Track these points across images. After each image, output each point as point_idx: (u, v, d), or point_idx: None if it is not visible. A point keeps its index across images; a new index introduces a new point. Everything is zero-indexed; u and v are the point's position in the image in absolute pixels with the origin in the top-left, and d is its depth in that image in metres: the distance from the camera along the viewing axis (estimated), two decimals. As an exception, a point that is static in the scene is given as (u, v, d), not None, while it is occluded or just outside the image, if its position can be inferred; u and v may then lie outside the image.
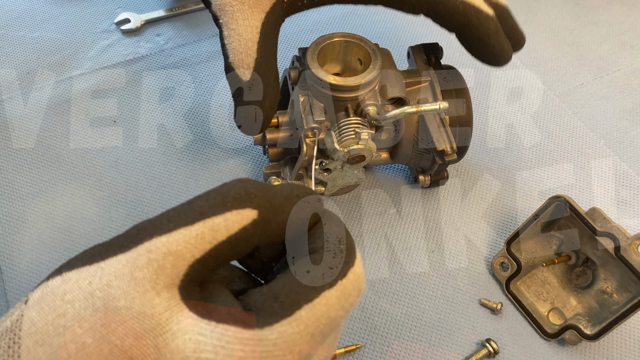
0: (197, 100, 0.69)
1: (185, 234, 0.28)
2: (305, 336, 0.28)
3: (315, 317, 0.28)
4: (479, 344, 0.52)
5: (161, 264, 0.28)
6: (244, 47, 0.46)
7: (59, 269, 0.29)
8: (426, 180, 0.60)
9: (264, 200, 0.30)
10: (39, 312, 0.27)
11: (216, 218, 0.29)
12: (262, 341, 0.27)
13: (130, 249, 0.28)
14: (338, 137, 0.50)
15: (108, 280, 0.27)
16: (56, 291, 0.27)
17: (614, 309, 0.51)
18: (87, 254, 0.29)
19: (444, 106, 0.48)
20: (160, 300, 0.27)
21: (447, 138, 0.52)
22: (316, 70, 0.50)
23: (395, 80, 0.53)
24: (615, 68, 0.77)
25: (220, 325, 0.27)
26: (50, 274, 0.29)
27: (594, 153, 0.67)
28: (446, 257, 0.57)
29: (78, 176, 0.61)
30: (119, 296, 0.27)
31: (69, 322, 0.26)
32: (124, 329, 0.27)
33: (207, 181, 0.62)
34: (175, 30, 0.77)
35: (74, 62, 0.72)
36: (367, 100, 0.51)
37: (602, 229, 0.49)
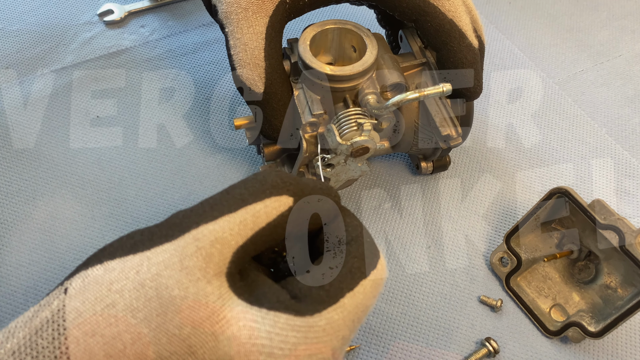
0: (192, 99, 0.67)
1: (230, 221, 0.29)
2: (347, 322, 0.29)
3: (355, 304, 0.30)
4: (478, 343, 0.50)
5: (209, 252, 0.28)
6: (250, 57, 0.47)
7: (97, 257, 0.28)
8: (428, 167, 0.58)
9: (298, 188, 0.32)
10: (84, 303, 0.27)
11: (257, 205, 0.30)
12: (312, 328, 0.28)
13: (176, 238, 0.28)
14: (339, 130, 0.47)
15: (158, 270, 0.27)
16: (100, 281, 0.27)
17: (619, 304, 0.49)
18: (126, 243, 0.29)
19: (448, 89, 0.45)
20: (212, 288, 0.28)
21: (451, 121, 0.50)
22: (310, 61, 0.48)
23: (392, 65, 0.50)
24: (616, 53, 0.75)
25: (272, 312, 0.28)
26: (87, 262, 0.29)
27: (595, 142, 0.65)
28: (444, 254, 0.55)
29: (59, 174, 0.59)
30: (172, 285, 0.27)
31: (120, 313, 0.26)
32: (180, 318, 0.27)
33: (194, 177, 0.60)
34: (161, 21, 0.74)
35: (54, 56, 0.69)
36: (366, 89, 0.49)
37: (605, 222, 0.47)
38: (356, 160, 0.51)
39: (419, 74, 0.53)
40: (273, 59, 0.48)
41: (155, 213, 0.57)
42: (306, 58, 0.48)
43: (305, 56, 0.48)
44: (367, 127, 0.47)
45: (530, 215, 0.51)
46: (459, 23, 0.49)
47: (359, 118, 0.47)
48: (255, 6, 0.47)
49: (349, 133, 0.47)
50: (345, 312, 0.29)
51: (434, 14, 0.49)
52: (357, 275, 0.31)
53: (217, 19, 0.49)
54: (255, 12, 0.47)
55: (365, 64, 0.48)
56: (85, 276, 0.28)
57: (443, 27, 0.49)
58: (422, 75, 0.52)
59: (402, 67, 0.51)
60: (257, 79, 0.48)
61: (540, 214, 0.51)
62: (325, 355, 0.28)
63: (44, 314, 0.27)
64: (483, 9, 0.80)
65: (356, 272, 0.31)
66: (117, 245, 0.29)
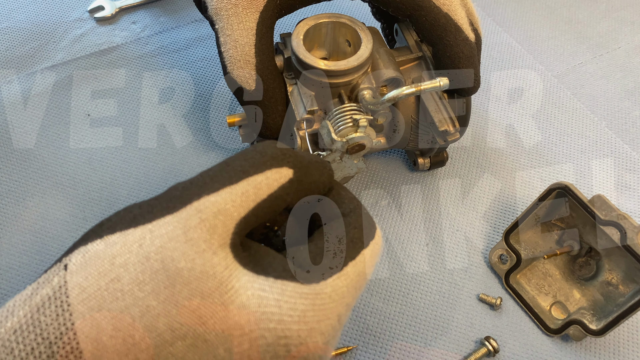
0: (187, 97, 0.66)
1: (232, 192, 0.29)
2: (351, 289, 0.30)
3: (357, 272, 0.31)
4: (477, 342, 0.49)
5: (213, 223, 0.28)
6: (241, 53, 0.46)
7: (96, 232, 0.28)
8: (426, 163, 0.57)
9: (297, 160, 0.32)
10: (87, 278, 0.26)
11: (258, 176, 0.30)
12: (319, 294, 0.29)
13: (178, 210, 0.28)
14: (334, 126, 0.46)
15: (162, 242, 0.27)
16: (102, 255, 0.27)
17: (620, 301, 0.48)
18: (125, 217, 0.28)
19: (445, 83, 0.44)
20: (218, 259, 0.27)
21: (449, 116, 0.49)
22: (304, 56, 0.47)
23: (388, 60, 0.49)
24: (615, 45, 0.74)
25: (279, 280, 0.28)
26: (85, 237, 0.28)
27: (595, 136, 0.64)
28: (443, 252, 0.54)
29: (50, 174, 0.58)
30: (178, 258, 0.27)
31: (126, 286, 0.26)
32: (189, 290, 0.27)
33: (187, 176, 0.58)
34: (152, 17, 0.73)
35: (44, 54, 0.68)
36: (362, 84, 0.48)
37: (606, 218, 0.46)
38: (352, 157, 0.50)
39: (415, 68, 0.51)
40: (264, 55, 0.47)
41: (147, 213, 0.55)
42: (300, 53, 0.47)
43: (298, 51, 0.47)
44: (363, 123, 0.46)
45: (530, 212, 0.50)
46: (454, 17, 0.48)
47: (354, 114, 0.46)
48: (246, 2, 0.46)
49: (345, 129, 0.46)
50: (348, 279, 0.30)
51: (429, 8, 0.48)
52: (358, 245, 0.32)
53: (207, 15, 0.48)
54: (246, 8, 0.46)
55: (360, 58, 0.47)
56: (86, 251, 0.27)
57: (438, 21, 0.48)
58: (419, 70, 0.51)
59: (398, 62, 0.50)
60: (248, 76, 0.47)
61: (540, 210, 0.50)
62: (332, 321, 0.29)
63: (45, 291, 0.26)
64: (480, 2, 0.79)
65: (357, 242, 0.32)
66: (116, 219, 0.28)
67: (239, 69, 0.47)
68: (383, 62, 0.49)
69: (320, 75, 0.47)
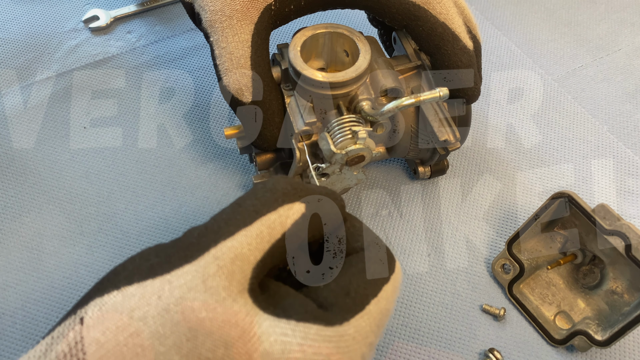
0: (183, 106, 0.65)
1: (247, 235, 0.28)
2: (374, 327, 0.30)
3: (379, 310, 0.30)
4: (481, 354, 0.48)
5: (231, 270, 0.27)
6: (236, 66, 0.46)
7: (112, 282, 0.27)
8: (426, 172, 0.56)
9: (308, 194, 0.31)
10: (105, 333, 0.25)
11: (271, 215, 0.29)
12: (343, 337, 0.28)
13: (195, 258, 0.28)
14: (333, 138, 0.46)
15: (181, 293, 0.26)
16: (120, 308, 0.26)
17: (626, 310, 0.48)
18: (142, 266, 0.28)
19: (445, 93, 0.43)
20: (239, 306, 0.27)
21: (449, 126, 0.48)
22: (302, 67, 0.46)
23: (386, 69, 0.48)
24: (616, 47, 0.73)
25: (301, 323, 0.28)
26: (100, 287, 0.27)
27: (596, 140, 0.63)
28: (444, 261, 0.54)
29: (46, 189, 0.57)
30: (199, 308, 0.26)
31: (146, 341, 0.25)
32: (212, 341, 0.26)
33: (185, 189, 0.58)
34: (148, 27, 0.72)
35: (39, 65, 0.67)
36: (360, 95, 0.47)
37: (610, 227, 0.45)
38: (352, 169, 0.50)
39: (414, 77, 0.51)
40: (260, 67, 0.46)
41: (145, 227, 0.55)
42: (297, 64, 0.46)
43: (295, 62, 0.46)
44: (362, 135, 0.45)
45: (532, 220, 0.50)
46: (451, 25, 0.47)
47: (353, 125, 0.46)
48: (240, 14, 0.45)
49: (344, 141, 0.45)
50: (371, 318, 0.29)
51: (425, 17, 0.47)
52: (380, 281, 0.31)
53: (202, 27, 0.47)
54: (240, 20, 0.45)
55: (359, 69, 0.46)
56: (102, 304, 0.26)
57: (435, 30, 0.47)
58: (418, 78, 0.51)
59: (397, 70, 0.50)
60: (245, 89, 0.46)
61: (542, 218, 0.50)
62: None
63: (60, 347, 0.25)
64: (478, 5, 0.78)
65: (378, 278, 0.31)
66: (132, 268, 0.28)
67: (235, 81, 0.46)
68: (382, 71, 0.48)
69: (318, 87, 0.46)
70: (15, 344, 0.48)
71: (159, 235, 0.54)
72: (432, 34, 0.47)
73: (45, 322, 0.49)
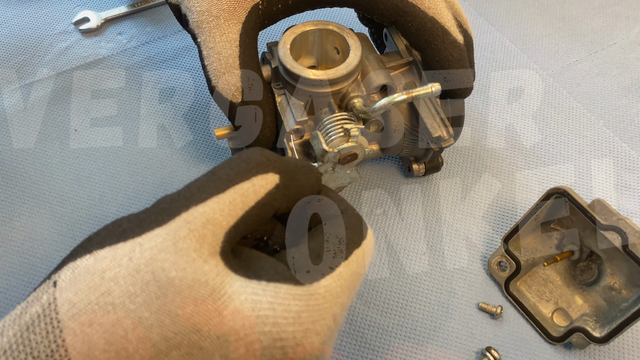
0: (175, 108, 0.64)
1: (219, 202, 0.29)
2: (345, 289, 0.30)
3: (350, 272, 0.31)
4: (478, 353, 0.48)
5: (202, 233, 0.28)
6: (225, 65, 0.45)
7: (84, 247, 0.28)
8: (420, 169, 0.56)
9: (283, 165, 0.32)
10: (77, 293, 0.26)
11: (244, 184, 0.30)
12: (312, 295, 0.29)
13: (166, 222, 0.28)
14: (325, 136, 0.45)
15: (151, 254, 0.27)
16: (92, 270, 0.27)
17: (624, 306, 0.47)
18: (114, 231, 0.28)
19: (437, 89, 0.43)
20: (209, 267, 0.27)
21: (442, 122, 0.48)
22: (292, 65, 0.45)
23: (378, 66, 0.48)
24: (611, 42, 0.73)
25: (272, 283, 0.28)
26: (73, 253, 0.28)
27: (592, 135, 0.63)
28: (441, 259, 0.53)
29: (36, 192, 0.56)
30: (169, 268, 0.27)
31: (117, 299, 0.26)
32: (181, 298, 0.26)
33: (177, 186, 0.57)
34: (138, 28, 0.72)
35: (29, 68, 0.66)
36: (352, 93, 0.47)
37: (606, 223, 0.45)
38: (345, 167, 0.49)
39: (406, 73, 0.50)
40: (249, 66, 0.46)
41: (137, 230, 0.54)
42: (287, 63, 0.46)
43: (285, 61, 0.46)
44: (355, 132, 0.44)
45: (529, 217, 0.49)
46: (440, 20, 0.47)
47: (345, 123, 0.45)
48: (227, 13, 0.45)
49: (336, 139, 0.45)
50: (341, 279, 0.30)
51: (414, 13, 0.46)
52: (350, 245, 0.32)
53: (189, 29, 0.47)
54: (227, 20, 0.45)
55: (349, 66, 0.45)
56: (75, 267, 0.27)
57: (424, 25, 0.47)
58: (410, 75, 0.50)
59: (388, 67, 0.49)
60: (234, 89, 0.45)
61: (539, 215, 0.49)
62: (327, 321, 0.29)
63: (34, 309, 0.26)
64: (471, 1, 0.77)
65: (349, 242, 0.32)
66: (105, 233, 0.28)
67: (224, 81, 0.45)
68: (373, 68, 0.48)
69: (308, 85, 0.45)
70: (6, 350, 0.47)
71: (151, 237, 0.54)
72: (421, 29, 0.47)
73: (37, 328, 0.48)
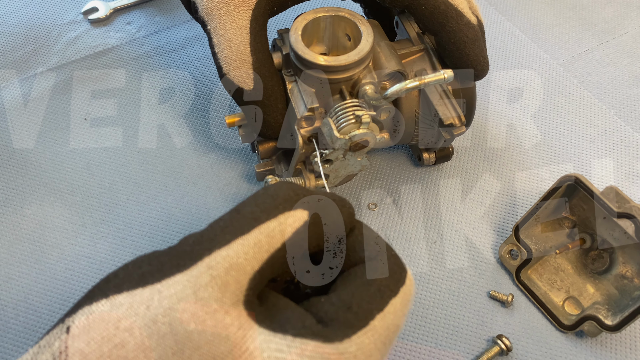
0: (186, 98, 0.64)
1: (244, 244, 0.27)
2: (379, 345, 0.27)
3: (386, 326, 0.28)
4: (489, 341, 0.48)
5: (224, 281, 0.26)
6: (236, 53, 0.45)
7: (102, 290, 0.26)
8: (431, 158, 0.56)
9: (313, 200, 0.30)
10: (90, 343, 0.24)
11: (270, 223, 0.28)
12: (343, 355, 0.26)
13: (188, 267, 0.26)
14: (336, 123, 0.45)
15: (170, 304, 0.25)
16: (107, 318, 0.25)
17: (636, 294, 0.47)
18: (133, 273, 0.27)
19: (449, 75, 0.42)
20: (231, 319, 0.26)
21: (454, 109, 0.47)
22: (303, 52, 0.45)
23: (389, 53, 0.48)
24: (622, 31, 0.72)
25: (298, 339, 0.26)
26: (90, 295, 0.26)
27: (603, 124, 0.62)
28: (451, 248, 0.53)
29: (47, 181, 0.57)
30: (187, 320, 0.25)
31: (131, 353, 0.24)
32: (199, 355, 0.25)
33: (187, 179, 0.57)
34: (147, 17, 0.72)
35: (38, 58, 0.67)
36: (363, 79, 0.46)
37: (619, 210, 0.44)
38: (355, 155, 0.49)
39: (418, 61, 0.50)
40: (260, 53, 0.46)
41: (147, 218, 0.54)
42: (298, 49, 0.45)
43: (297, 47, 0.46)
44: (366, 119, 0.44)
45: (540, 206, 0.49)
46: (454, 2, 0.46)
47: (356, 110, 0.45)
48: (237, 0, 0.45)
49: (347, 126, 0.45)
50: (376, 335, 0.27)
51: None
52: (387, 294, 0.28)
53: (198, 16, 0.47)
54: (237, 7, 0.45)
55: (361, 52, 0.45)
56: (90, 312, 0.25)
57: (438, 8, 0.46)
58: (422, 62, 0.50)
59: (400, 55, 0.49)
60: (245, 76, 0.45)
61: (550, 203, 0.49)
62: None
63: (44, 356, 0.24)
64: (481, -10, 0.77)
65: (385, 290, 0.29)
66: (124, 275, 0.27)
67: (236, 69, 0.45)
68: (385, 55, 0.47)
69: (320, 72, 0.45)
70: (18, 336, 0.48)
71: (161, 226, 0.54)
72: (435, 12, 0.46)
73: (48, 314, 0.49)
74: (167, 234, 0.53)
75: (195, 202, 0.56)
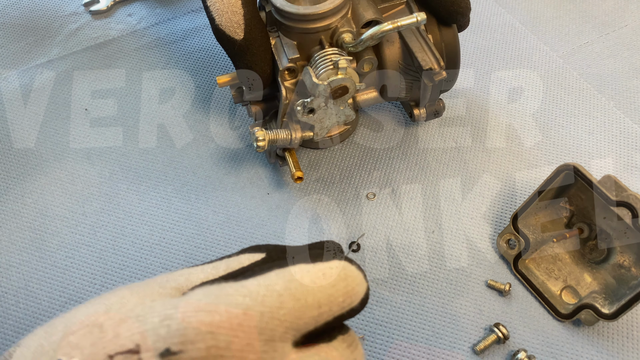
0: (186, 89, 0.65)
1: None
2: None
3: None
4: (487, 329, 0.48)
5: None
6: (227, 5, 0.47)
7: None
8: (422, 114, 0.56)
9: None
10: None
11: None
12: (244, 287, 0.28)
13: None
14: (315, 71, 0.47)
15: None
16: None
17: (633, 284, 0.47)
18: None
19: (422, 18, 0.45)
20: None
21: (433, 55, 0.49)
22: (282, 4, 0.48)
23: (367, 4, 0.50)
24: (622, 23, 0.72)
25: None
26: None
27: (603, 116, 0.62)
28: (450, 238, 0.53)
29: (48, 170, 0.57)
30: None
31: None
32: None
33: (187, 168, 0.58)
34: (148, 9, 0.72)
35: (40, 49, 0.67)
36: (341, 28, 0.49)
37: (617, 199, 0.44)
38: (337, 103, 0.50)
39: (399, 13, 0.52)
40: (250, 5, 0.48)
41: (147, 207, 0.55)
42: (277, 2, 0.48)
43: (276, 1, 0.48)
44: (343, 64, 0.46)
45: (537, 195, 0.49)
46: None
47: (334, 57, 0.47)
48: None
49: (325, 72, 0.47)
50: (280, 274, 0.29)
51: None
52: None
53: None
54: None
55: (337, 0, 0.47)
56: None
57: None
58: (403, 15, 0.51)
59: (381, 8, 0.51)
60: (236, 26, 0.47)
61: (548, 192, 0.49)
62: None
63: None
64: (482, -17, 0.77)
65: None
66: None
67: (227, 20, 0.47)
68: (362, 6, 0.50)
69: (298, 21, 0.48)
70: (18, 323, 0.48)
71: (160, 215, 0.54)
72: None
73: (48, 302, 0.49)
74: (167, 223, 0.54)
75: (195, 191, 0.56)
